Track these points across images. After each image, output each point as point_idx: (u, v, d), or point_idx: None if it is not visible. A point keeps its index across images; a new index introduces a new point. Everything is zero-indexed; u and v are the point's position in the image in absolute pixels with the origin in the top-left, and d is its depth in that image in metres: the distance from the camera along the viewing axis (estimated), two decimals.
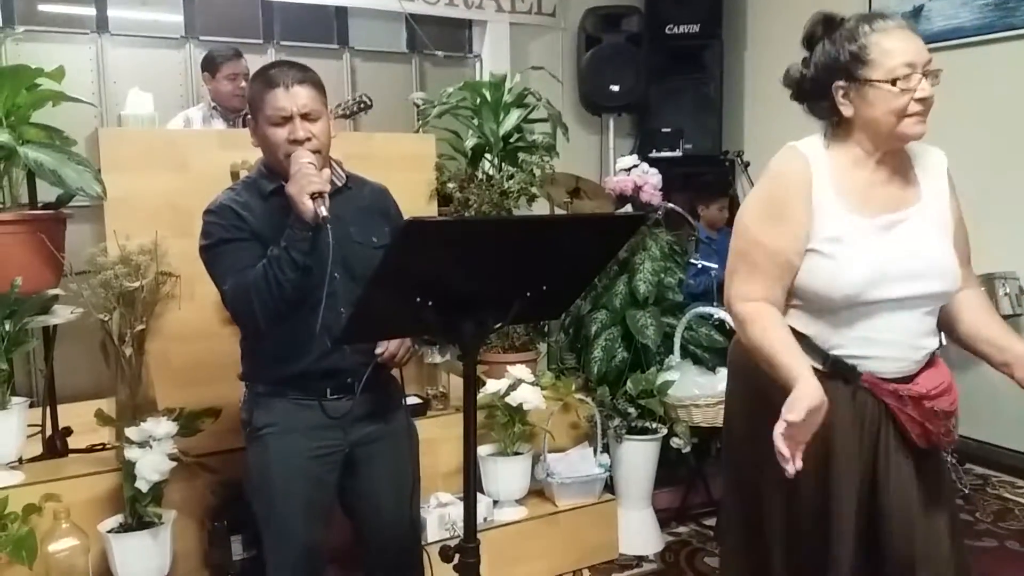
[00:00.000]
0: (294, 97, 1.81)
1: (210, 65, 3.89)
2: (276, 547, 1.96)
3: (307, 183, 1.74)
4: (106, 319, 2.40)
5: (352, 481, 2.00)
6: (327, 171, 1.86)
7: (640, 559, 3.07)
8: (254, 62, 4.13)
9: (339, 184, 1.95)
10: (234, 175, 2.59)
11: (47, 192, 2.51)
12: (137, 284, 2.40)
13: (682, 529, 3.34)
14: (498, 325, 1.65)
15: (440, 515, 2.73)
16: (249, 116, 1.94)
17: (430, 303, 1.51)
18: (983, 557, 3.04)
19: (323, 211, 1.74)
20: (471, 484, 1.65)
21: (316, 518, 1.95)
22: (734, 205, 4.68)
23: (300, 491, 1.91)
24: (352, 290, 1.87)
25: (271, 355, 1.92)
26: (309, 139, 1.82)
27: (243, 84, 3.89)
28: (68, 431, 2.61)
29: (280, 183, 1.86)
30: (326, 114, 1.89)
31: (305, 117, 1.82)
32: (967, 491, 3.63)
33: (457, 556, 1.64)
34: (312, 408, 1.90)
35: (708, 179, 4.75)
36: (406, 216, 1.93)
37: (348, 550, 2.17)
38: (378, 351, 1.94)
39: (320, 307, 1.75)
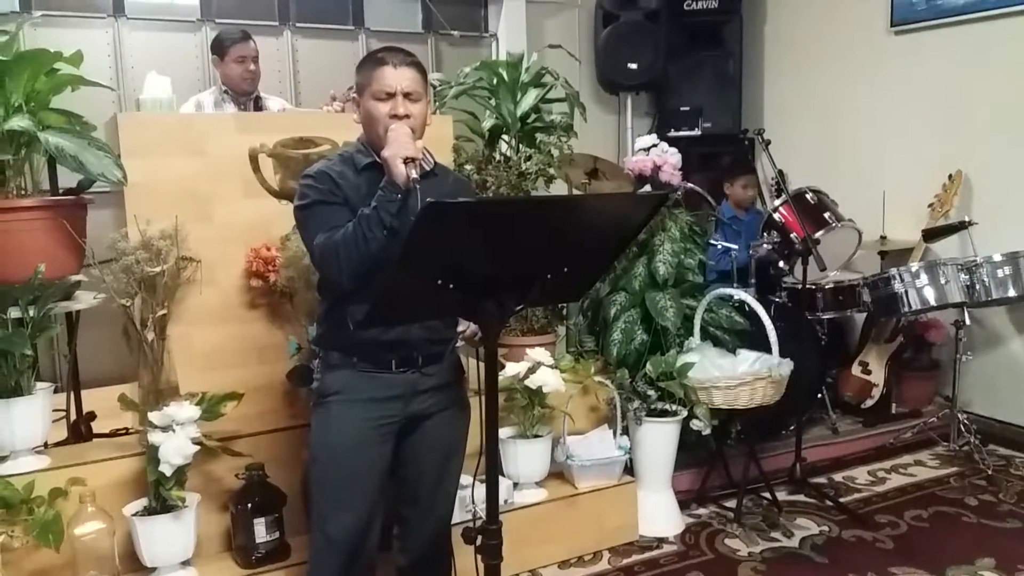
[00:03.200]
0: (400, 76, 1.93)
1: (219, 48, 3.87)
2: (327, 513, 2.01)
3: (401, 148, 1.82)
4: (128, 304, 2.41)
5: (402, 448, 2.05)
6: (421, 142, 1.94)
7: (660, 541, 3.07)
8: (270, 44, 4.13)
9: (427, 168, 2.02)
10: (252, 159, 2.58)
11: (68, 178, 2.51)
12: (158, 269, 2.41)
13: (702, 511, 3.33)
14: (519, 307, 1.65)
15: (461, 497, 2.73)
16: (355, 95, 2.04)
17: (452, 286, 1.52)
18: (1007, 538, 3.02)
19: (414, 174, 1.81)
20: (493, 467, 1.65)
21: (371, 486, 2.00)
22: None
23: (356, 458, 1.98)
24: None
25: (346, 322, 1.96)
26: (408, 116, 1.92)
27: (252, 67, 3.87)
28: (92, 416, 2.64)
29: (375, 158, 1.95)
30: (426, 99, 1.99)
31: (407, 96, 1.93)
32: (990, 472, 3.60)
33: (479, 538, 1.65)
34: (377, 379, 1.98)
35: (729, 159, 4.70)
36: None
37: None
38: (460, 328, 2.02)
39: None
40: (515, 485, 2.93)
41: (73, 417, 2.61)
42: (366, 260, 1.83)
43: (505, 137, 3.44)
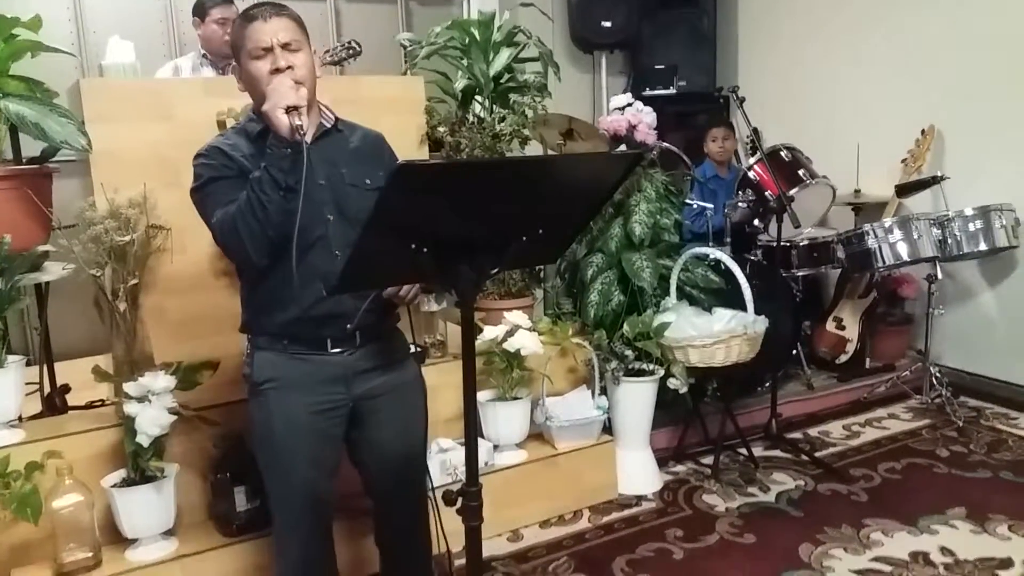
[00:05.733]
0: (273, 27, 1.80)
1: (200, 10, 3.80)
2: (280, 500, 1.97)
3: (280, 97, 1.72)
4: (98, 274, 2.37)
5: (358, 432, 1.99)
6: (304, 90, 1.80)
7: (639, 498, 3.11)
8: (240, 6, 4.01)
9: (327, 126, 1.93)
10: (220, 124, 2.54)
11: (31, 147, 2.45)
12: (128, 238, 2.36)
13: (680, 468, 3.38)
14: (495, 270, 1.63)
15: (441, 461, 2.75)
16: (232, 62, 1.92)
17: (425, 249, 1.49)
18: (977, 488, 3.09)
19: (298, 121, 1.71)
20: (472, 429, 1.65)
21: (320, 471, 1.95)
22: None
23: (303, 445, 1.91)
24: (346, 232, 1.84)
25: (267, 301, 1.89)
26: (291, 67, 1.80)
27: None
28: (66, 388, 2.61)
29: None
30: (308, 48, 1.87)
31: (285, 47, 1.81)
32: (961, 423, 3.67)
33: (460, 500, 1.65)
34: (310, 361, 1.90)
35: (704, 117, 4.68)
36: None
37: (357, 498, 2.19)
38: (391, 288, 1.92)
39: (313, 249, 1.78)
40: (495, 447, 2.95)
41: (47, 390, 2.58)
42: (268, 228, 1.73)
43: (478, 98, 3.40)
